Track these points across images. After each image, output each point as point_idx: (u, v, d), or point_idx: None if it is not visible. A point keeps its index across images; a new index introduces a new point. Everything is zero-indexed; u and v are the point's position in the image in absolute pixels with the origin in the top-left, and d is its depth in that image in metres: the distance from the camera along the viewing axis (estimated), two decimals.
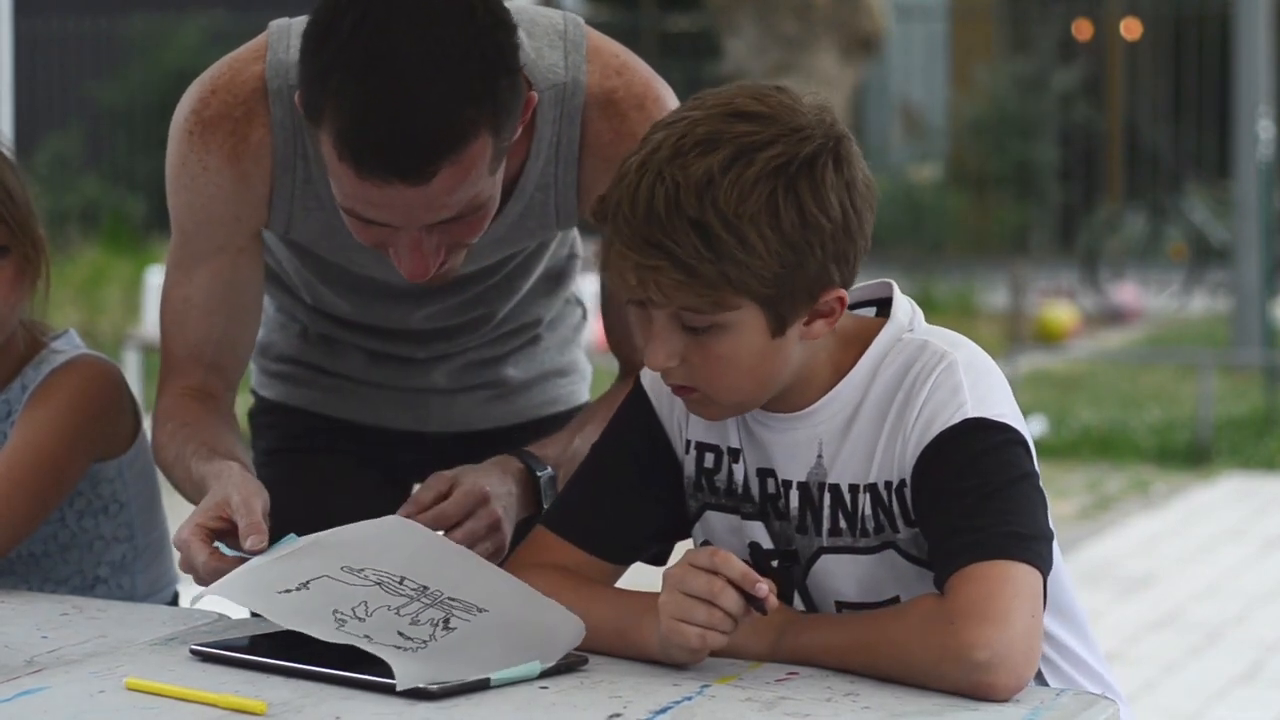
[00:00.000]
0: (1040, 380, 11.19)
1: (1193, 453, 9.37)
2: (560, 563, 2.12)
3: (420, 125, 2.04)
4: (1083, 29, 20.44)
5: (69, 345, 2.55)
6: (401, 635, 1.96)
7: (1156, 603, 6.62)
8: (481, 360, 2.60)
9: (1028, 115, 19.08)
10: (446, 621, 1.99)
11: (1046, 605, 1.96)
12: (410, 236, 2.14)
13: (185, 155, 2.32)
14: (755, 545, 2.11)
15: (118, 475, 2.55)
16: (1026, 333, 12.44)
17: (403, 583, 2.03)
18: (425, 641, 1.95)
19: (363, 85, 2.04)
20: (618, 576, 2.17)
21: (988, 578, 1.90)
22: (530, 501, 2.33)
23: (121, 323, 12.19)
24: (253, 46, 2.34)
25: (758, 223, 1.95)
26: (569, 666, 1.98)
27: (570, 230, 2.58)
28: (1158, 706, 5.35)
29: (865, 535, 2.06)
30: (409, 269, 2.18)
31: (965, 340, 2.07)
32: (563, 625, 2.00)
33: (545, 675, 1.95)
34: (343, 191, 2.13)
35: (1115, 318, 14.84)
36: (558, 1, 19.44)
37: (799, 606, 2.10)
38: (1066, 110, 19.33)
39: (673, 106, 2.29)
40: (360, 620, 1.97)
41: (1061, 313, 13.52)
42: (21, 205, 2.48)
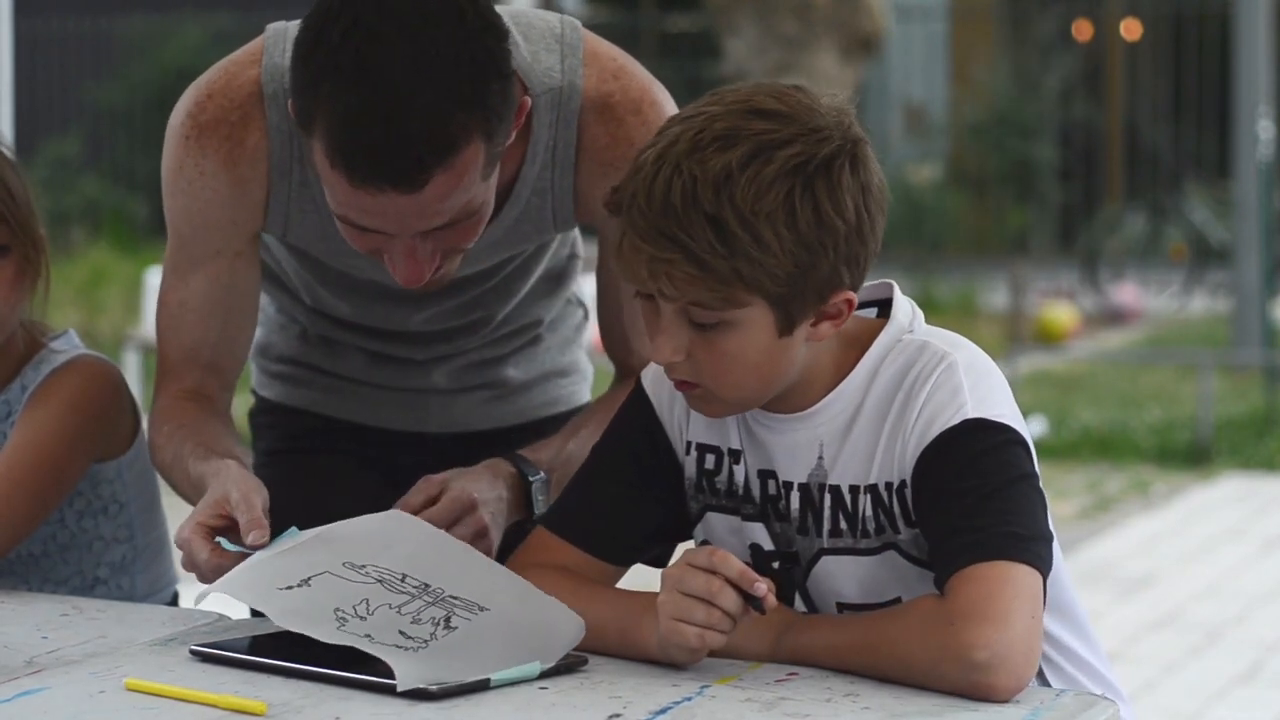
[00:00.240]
0: (1040, 380, 11.19)
1: (1193, 453, 9.37)
2: (560, 563, 2.12)
3: (411, 132, 2.04)
4: (1082, 29, 20.44)
5: (68, 345, 2.55)
6: (403, 635, 1.96)
7: (1156, 603, 6.62)
8: (482, 361, 2.60)
9: (1027, 114, 19.08)
10: (448, 620, 1.99)
11: (1047, 606, 1.96)
12: (404, 243, 2.14)
13: (181, 160, 2.32)
14: (756, 547, 2.11)
15: (117, 476, 2.55)
16: (1026, 333, 12.44)
17: (404, 580, 2.03)
18: (426, 641, 1.95)
19: (353, 93, 2.04)
20: (618, 577, 2.17)
21: (987, 578, 1.90)
22: (521, 506, 2.32)
23: (121, 323, 12.19)
24: (249, 50, 2.34)
25: (774, 221, 1.94)
26: (569, 667, 1.98)
27: (570, 231, 2.57)
28: (1158, 706, 5.35)
29: (866, 536, 2.05)
30: (404, 275, 2.17)
31: (965, 341, 2.07)
32: (563, 624, 2.00)
33: (545, 675, 1.95)
34: (335, 199, 2.13)
35: (1115, 318, 14.84)
36: (557, 2, 19.45)
37: (800, 608, 2.10)
38: (1066, 107, 19.32)
39: (670, 111, 2.29)
40: (362, 619, 1.97)
41: (1061, 313, 13.52)
42: (22, 204, 2.48)
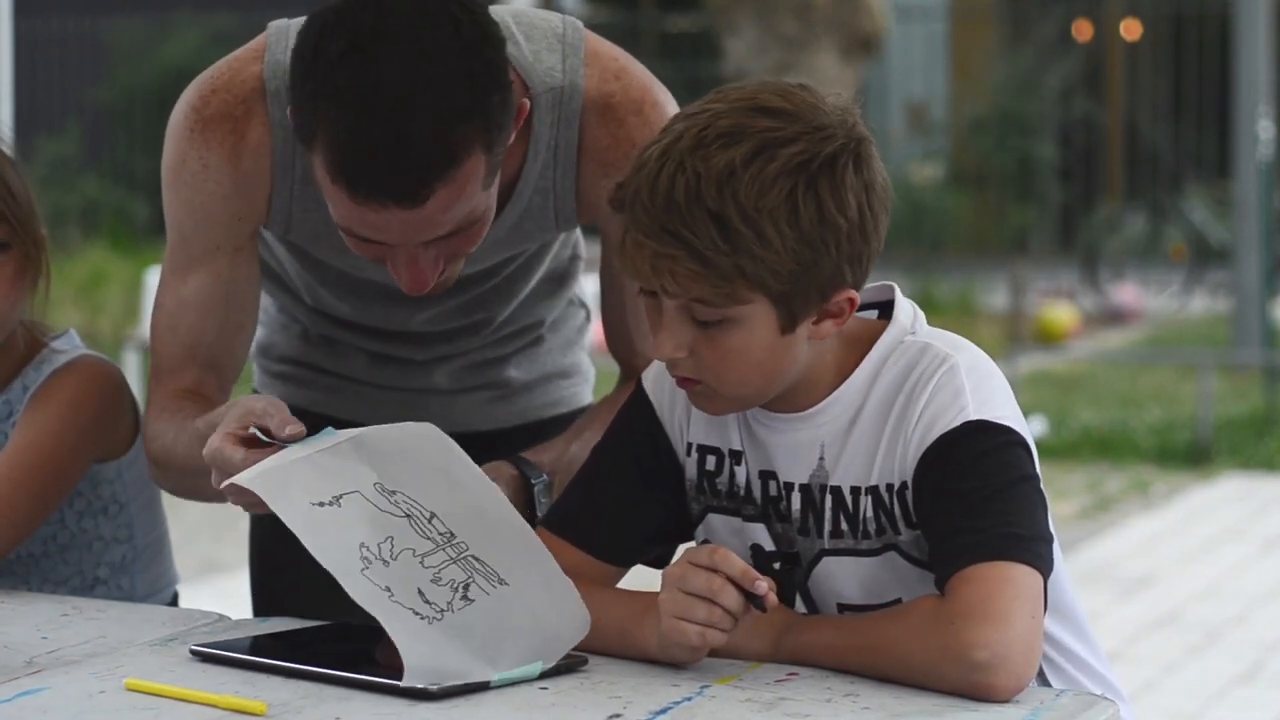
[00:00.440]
0: (1040, 381, 11.20)
1: (1193, 453, 9.37)
2: (561, 564, 2.12)
3: (412, 149, 2.04)
4: (1082, 29, 20.44)
5: (69, 345, 2.54)
6: (421, 596, 1.93)
7: (1156, 603, 6.62)
8: (484, 361, 2.60)
9: (1027, 114, 19.08)
10: (466, 588, 1.97)
11: (1048, 607, 1.96)
12: (408, 252, 2.15)
13: (185, 153, 2.32)
14: (757, 547, 2.11)
15: (117, 476, 2.55)
16: (1026, 333, 12.44)
17: (432, 521, 2.00)
18: (442, 611, 1.94)
19: (353, 111, 2.04)
20: (619, 579, 2.16)
21: (988, 579, 1.90)
22: (524, 508, 2.32)
23: (121, 323, 12.20)
24: (251, 47, 2.34)
25: (776, 218, 1.94)
26: (569, 667, 1.98)
27: (572, 232, 2.57)
28: (1158, 706, 5.35)
29: (867, 537, 2.05)
30: (408, 283, 2.18)
31: (967, 343, 2.07)
32: (571, 620, 1.99)
33: (545, 676, 1.95)
34: (338, 213, 2.13)
35: (1115, 318, 14.85)
36: (557, 2, 19.45)
37: (800, 609, 2.10)
38: (1066, 107, 19.32)
39: (671, 111, 2.29)
40: (385, 564, 1.94)
41: (1061, 313, 13.52)
42: (23, 202, 2.47)
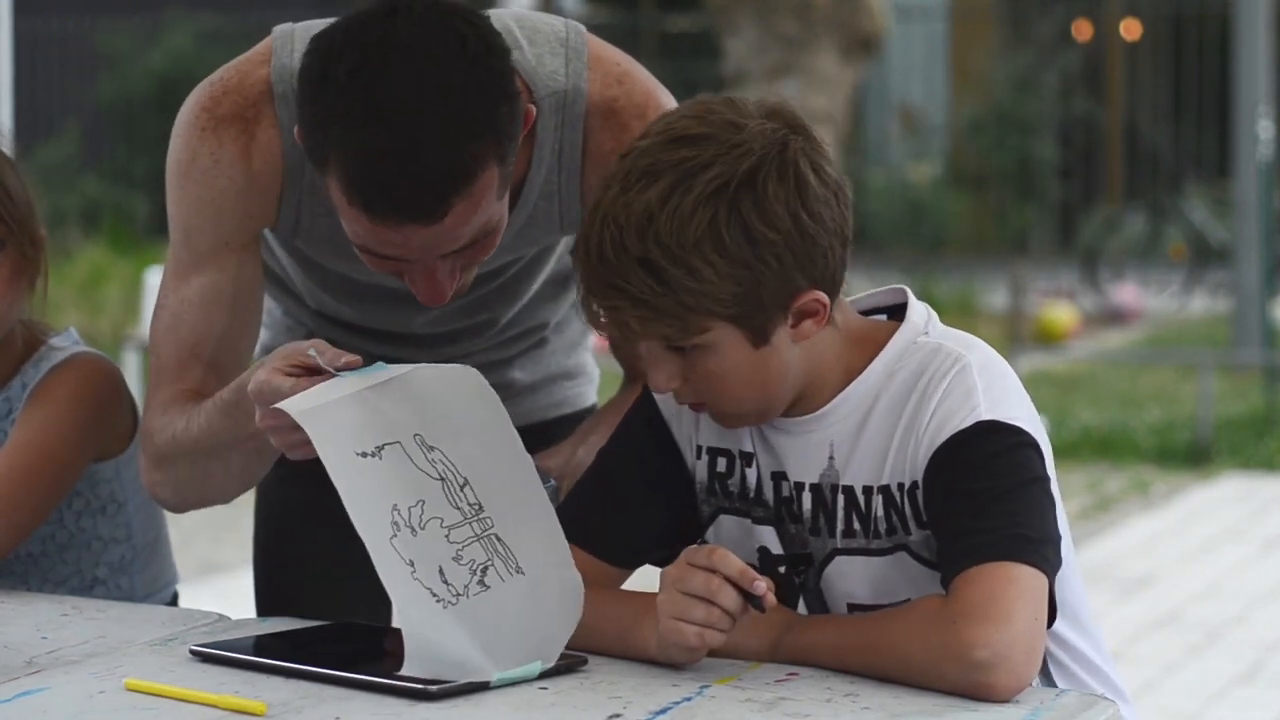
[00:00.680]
0: (1040, 380, 11.19)
1: (1193, 453, 9.37)
2: None
3: (428, 168, 2.05)
4: (1082, 29, 20.44)
5: (68, 342, 2.54)
6: (441, 575, 1.93)
7: (1156, 603, 6.62)
8: (488, 363, 2.60)
9: (1027, 114, 19.07)
10: (484, 572, 1.97)
11: (1056, 606, 1.96)
12: (425, 266, 2.16)
13: (196, 150, 2.31)
14: (764, 550, 2.11)
15: (115, 475, 2.55)
16: (1026, 333, 12.44)
17: (464, 489, 2.00)
18: (458, 596, 1.94)
19: (366, 133, 2.04)
20: (623, 581, 2.16)
21: (992, 578, 1.90)
22: None
23: (121, 323, 12.19)
24: (257, 51, 2.34)
25: (702, 250, 1.95)
26: (569, 667, 1.98)
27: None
28: (1158, 706, 5.35)
29: (878, 537, 2.05)
30: (426, 296, 2.18)
31: (981, 343, 2.07)
32: (567, 612, 1.99)
33: (545, 675, 1.95)
34: (354, 233, 2.14)
35: (1115, 318, 14.84)
36: (556, 2, 19.44)
37: (803, 612, 2.10)
38: (1066, 107, 19.32)
39: None
40: (412, 532, 1.94)
41: (1061, 313, 13.52)
42: (20, 202, 2.47)
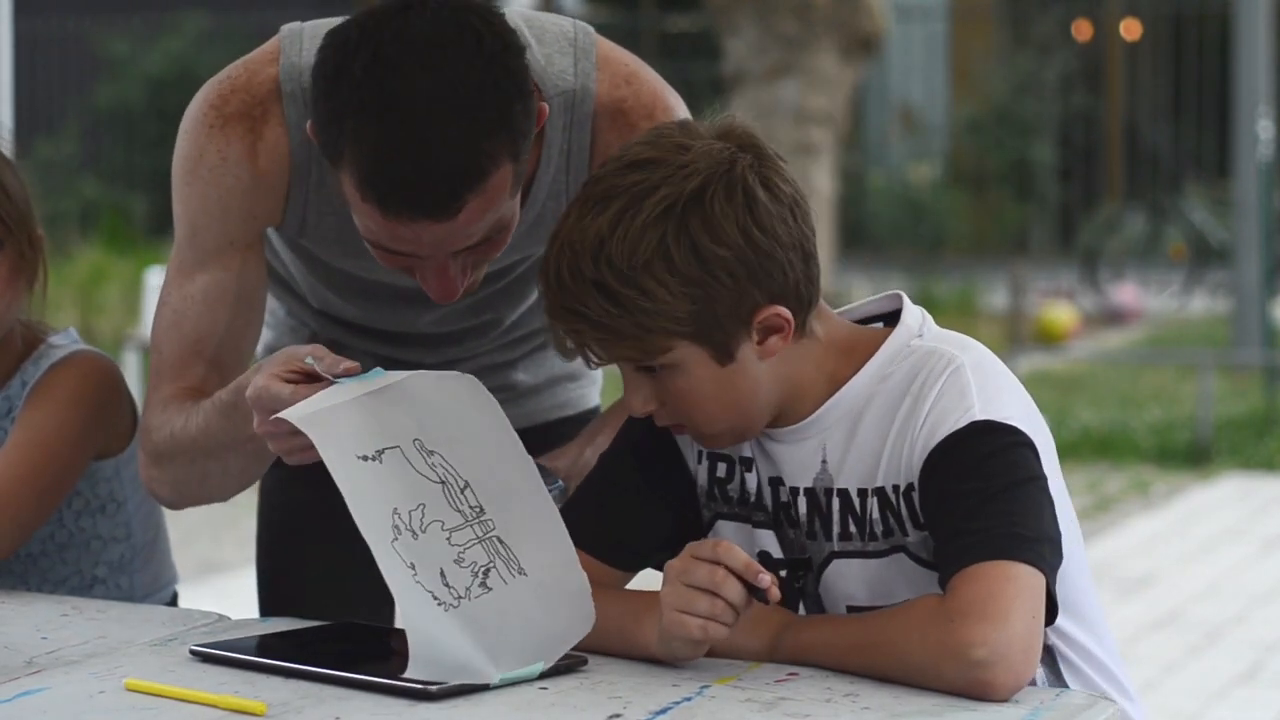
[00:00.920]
0: (1040, 381, 11.19)
1: (1193, 453, 9.37)
2: None
3: (442, 164, 2.05)
4: (1082, 29, 20.44)
5: (67, 341, 2.54)
6: (442, 578, 1.93)
7: (1156, 603, 6.62)
8: (491, 365, 2.60)
9: (1027, 114, 19.08)
10: (486, 574, 1.97)
11: (1060, 602, 1.96)
12: (437, 263, 2.16)
13: (203, 147, 2.31)
14: (765, 554, 2.12)
15: (115, 474, 2.55)
16: (1026, 333, 12.44)
17: (465, 491, 2.00)
18: (459, 598, 1.94)
19: (381, 128, 2.05)
20: (625, 583, 2.16)
21: (989, 577, 1.90)
22: None
23: (121, 323, 12.19)
24: (265, 50, 2.34)
25: (653, 270, 1.98)
26: (569, 667, 1.98)
27: None
28: (1158, 706, 5.35)
29: (874, 539, 2.06)
30: (437, 293, 2.19)
31: (975, 343, 2.07)
32: (577, 615, 1.99)
33: (545, 675, 1.95)
34: (367, 228, 2.14)
35: (1115, 318, 14.84)
36: (557, 3, 19.44)
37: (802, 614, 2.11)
38: (1066, 107, 19.32)
39: (682, 115, 2.30)
40: (414, 535, 1.94)
41: (1061, 313, 13.52)
42: (18, 202, 2.47)
